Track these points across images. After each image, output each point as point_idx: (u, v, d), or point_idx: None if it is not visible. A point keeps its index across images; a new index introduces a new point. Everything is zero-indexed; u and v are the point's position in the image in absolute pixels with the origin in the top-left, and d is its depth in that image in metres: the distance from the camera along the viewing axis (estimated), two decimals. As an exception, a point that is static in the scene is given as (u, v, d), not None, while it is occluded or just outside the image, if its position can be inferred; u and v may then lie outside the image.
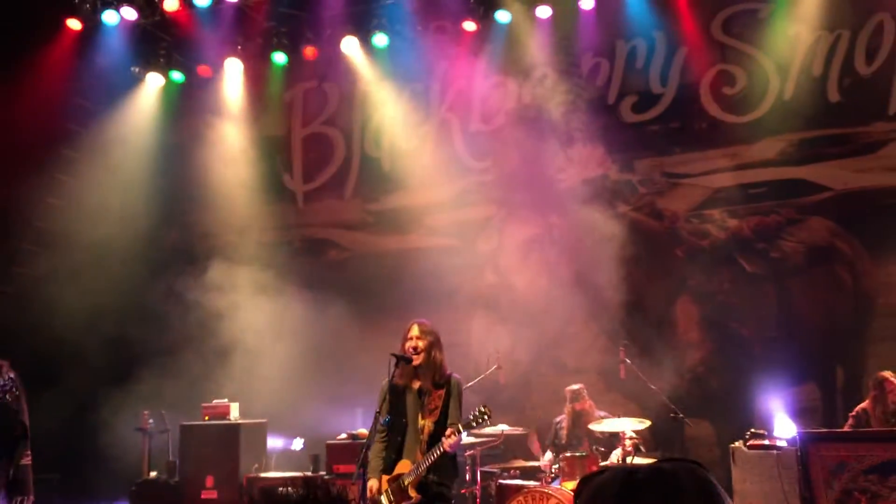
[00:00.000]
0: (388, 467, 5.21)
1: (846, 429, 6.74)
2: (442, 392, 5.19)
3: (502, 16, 9.30)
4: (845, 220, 8.52)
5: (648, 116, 9.31)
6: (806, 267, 8.64)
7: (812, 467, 6.05)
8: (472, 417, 5.03)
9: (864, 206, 8.45)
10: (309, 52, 9.99)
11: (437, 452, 4.99)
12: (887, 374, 6.80)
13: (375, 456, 5.24)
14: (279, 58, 10.13)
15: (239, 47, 10.16)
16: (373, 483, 5.18)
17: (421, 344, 5.20)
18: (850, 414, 6.91)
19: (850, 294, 8.51)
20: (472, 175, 9.91)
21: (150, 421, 8.93)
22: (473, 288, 9.56)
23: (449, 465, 5.22)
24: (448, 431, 5.02)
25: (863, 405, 6.84)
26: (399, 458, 5.21)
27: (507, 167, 9.67)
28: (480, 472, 7.18)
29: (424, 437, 5.12)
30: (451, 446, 4.97)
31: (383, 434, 5.28)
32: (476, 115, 9.98)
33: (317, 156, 10.70)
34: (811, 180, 8.67)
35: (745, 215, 8.91)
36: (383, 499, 5.14)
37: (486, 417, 5.00)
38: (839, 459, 5.97)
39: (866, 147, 8.51)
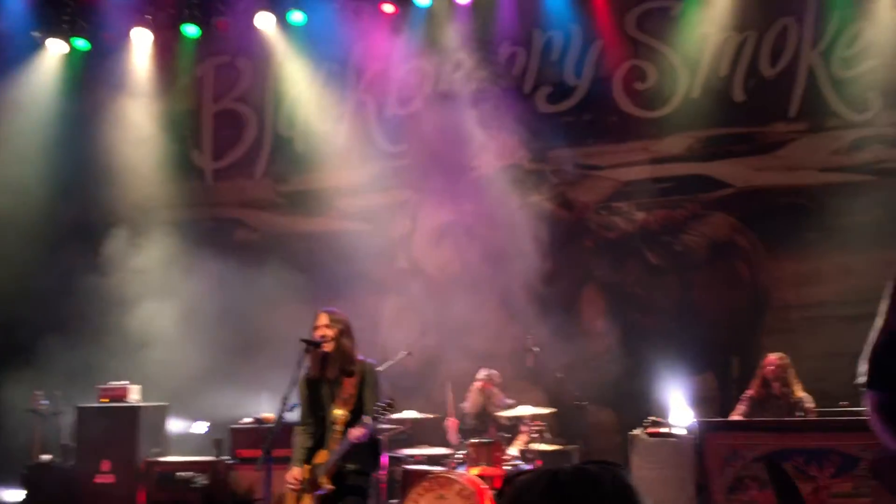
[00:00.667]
0: (310, 457, 5.19)
1: (735, 415, 7.01)
2: (354, 380, 5.16)
3: (422, -1, 9.28)
4: (745, 217, 8.83)
5: (563, 108, 9.43)
6: (707, 261, 8.93)
7: (707, 455, 6.27)
8: (376, 409, 5.03)
9: (762, 203, 8.78)
10: (221, 25, 9.72)
11: (345, 443, 4.97)
12: (770, 354, 7.11)
13: (299, 446, 5.22)
14: (190, 30, 9.83)
15: (148, 17, 9.81)
16: (295, 471, 5.15)
17: (330, 332, 5.16)
18: (742, 397, 7.18)
19: (747, 287, 8.85)
20: (387, 159, 9.85)
21: (44, 402, 8.59)
22: (385, 273, 9.52)
23: (368, 452, 5.21)
24: (363, 421, 5.01)
25: (749, 392, 7.13)
26: (319, 448, 5.19)
27: (422, 152, 9.64)
28: (387, 457, 7.17)
29: (339, 426, 5.09)
30: (356, 437, 4.96)
31: (306, 423, 5.23)
32: (393, 98, 9.92)
33: (227, 133, 10.44)
34: (715, 177, 8.96)
35: (652, 209, 9.14)
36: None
37: (389, 410, 5.02)
38: (733, 448, 6.22)
39: (767, 146, 8.83)
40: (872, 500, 5.55)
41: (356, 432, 4.95)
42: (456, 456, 7.13)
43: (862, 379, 4.24)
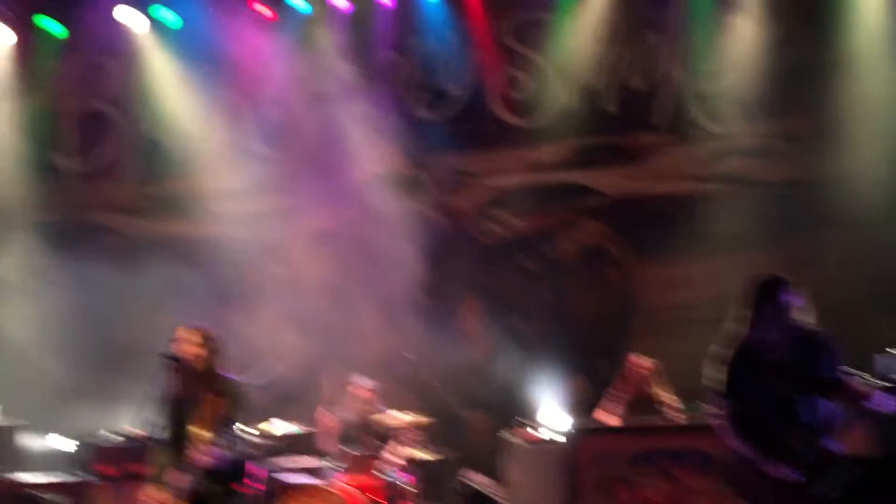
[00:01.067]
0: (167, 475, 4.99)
1: (607, 413, 7.20)
2: (218, 398, 5.01)
3: (300, 2, 9.12)
4: (616, 224, 9.12)
5: (441, 115, 9.48)
6: (580, 266, 9.17)
7: (577, 458, 6.41)
8: (235, 429, 4.93)
9: (633, 211, 9.09)
10: (87, 22, 9.28)
11: (203, 463, 4.83)
12: (634, 356, 7.35)
13: (158, 464, 5.06)
14: (53, 27, 9.34)
15: (9, 13, 9.28)
16: (152, 491, 4.98)
17: (193, 349, 4.99)
18: (614, 396, 7.39)
19: (617, 292, 9.13)
20: (263, 163, 9.62)
21: None
22: (260, 281, 9.29)
23: (230, 470, 5.06)
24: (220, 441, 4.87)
25: (621, 392, 7.35)
26: (178, 466, 5.01)
27: (299, 157, 9.49)
28: (263, 470, 6.99)
29: (200, 445, 4.92)
30: (204, 461, 4.84)
31: (166, 441, 5.05)
32: (269, 101, 9.69)
33: (92, 134, 9.97)
34: (588, 185, 9.21)
35: (528, 216, 9.31)
36: None
37: (249, 431, 4.93)
38: (602, 450, 6.38)
39: (636, 156, 9.14)
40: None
41: (204, 456, 4.83)
42: (332, 466, 7.02)
43: (708, 382, 4.45)
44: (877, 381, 3.98)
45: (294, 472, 7.13)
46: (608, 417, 7.12)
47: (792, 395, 3.99)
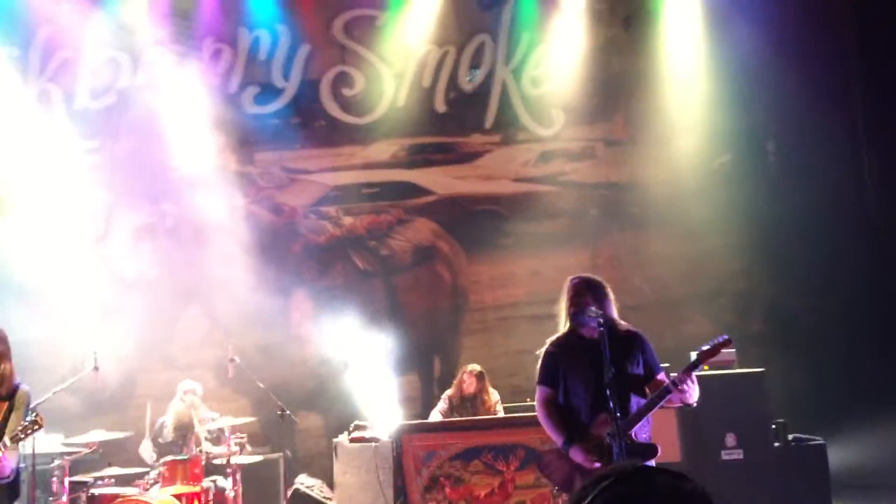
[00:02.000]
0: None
1: (436, 412, 7.29)
2: (4, 405, 4.65)
3: (116, -14, 8.60)
4: (446, 223, 9.24)
5: (270, 109, 9.23)
6: (411, 264, 9.21)
7: (405, 457, 6.44)
8: (20, 429, 4.59)
9: (462, 210, 9.24)
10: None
11: None
12: (468, 367, 7.48)
13: None
14: None
15: None
16: None
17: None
18: (443, 396, 7.49)
19: (448, 290, 9.25)
20: (77, 155, 9.02)
21: None
22: (72, 277, 8.71)
23: (5, 487, 4.70)
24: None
25: (449, 391, 7.46)
26: None
27: (117, 150, 8.98)
28: (69, 482, 6.56)
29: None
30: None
31: None
32: (84, 90, 9.10)
33: None
34: (419, 184, 9.27)
35: (359, 214, 9.25)
36: None
37: (36, 427, 4.60)
38: (429, 448, 6.43)
39: (466, 156, 9.31)
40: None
41: None
42: (150, 476, 6.69)
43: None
44: (685, 376, 4.17)
45: (108, 482, 6.72)
46: (440, 418, 7.21)
47: (604, 388, 4.14)
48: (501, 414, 7.11)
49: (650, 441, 4.31)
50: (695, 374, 4.22)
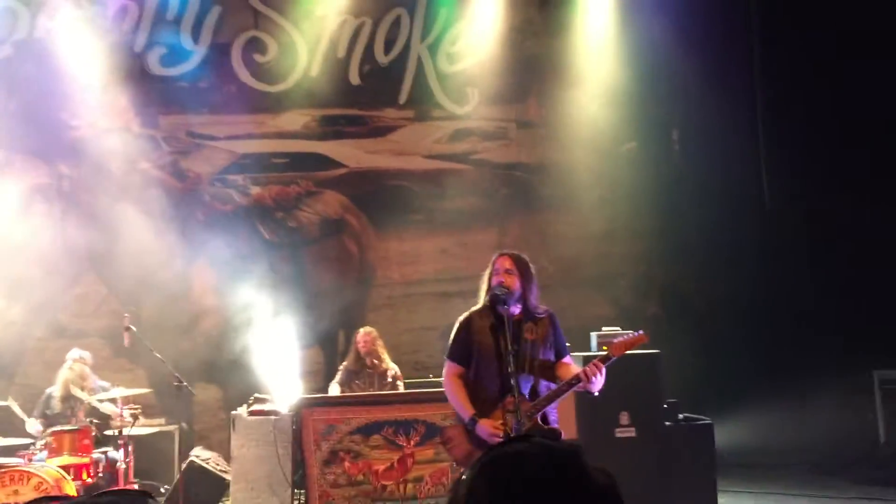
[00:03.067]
0: None
1: (333, 384, 7.26)
2: None
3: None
4: (356, 196, 9.15)
5: (177, 71, 8.91)
6: (319, 237, 9.10)
7: (304, 430, 6.38)
8: None
9: (372, 184, 9.16)
10: None
11: None
12: (360, 329, 7.48)
13: None
14: None
15: None
16: None
17: None
18: (340, 368, 7.46)
19: (356, 264, 9.18)
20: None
21: None
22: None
23: None
24: None
25: (345, 363, 7.45)
26: None
27: (11, 105, 8.53)
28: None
29: None
30: None
31: None
32: (-24, 43, 8.60)
33: None
34: (329, 156, 9.14)
35: (267, 183, 9.07)
36: None
37: None
38: (329, 422, 6.39)
39: (378, 130, 9.23)
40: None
41: None
42: (36, 446, 6.44)
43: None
44: (597, 368, 4.21)
45: (-9, 453, 6.45)
46: (338, 389, 7.18)
47: (511, 367, 4.15)
48: (401, 388, 7.13)
49: (556, 425, 4.33)
50: (605, 364, 4.27)
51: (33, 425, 6.77)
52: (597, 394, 4.27)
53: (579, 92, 9.45)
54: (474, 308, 4.50)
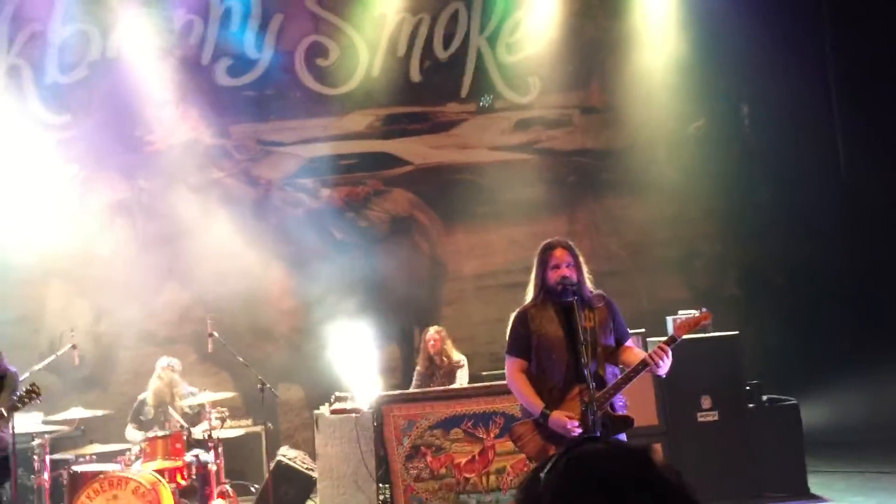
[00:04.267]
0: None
1: (412, 389, 7.36)
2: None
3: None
4: (423, 193, 9.23)
5: (243, 81, 9.13)
6: (389, 235, 9.21)
7: (386, 427, 6.48)
8: (16, 399, 4.60)
9: (438, 179, 9.23)
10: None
11: None
12: (427, 330, 7.56)
13: None
14: None
15: None
16: None
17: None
18: (415, 373, 7.56)
19: (426, 261, 9.27)
20: (49, 131, 8.92)
21: None
22: (48, 256, 8.66)
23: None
24: None
25: (417, 367, 7.54)
26: None
27: (89, 125, 8.88)
28: (50, 460, 6.58)
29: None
30: None
31: None
32: (53, 64, 8.96)
33: None
34: (395, 154, 9.24)
35: (335, 185, 9.22)
36: None
37: (34, 397, 4.61)
38: (409, 418, 6.48)
39: (441, 125, 9.28)
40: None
41: None
42: (131, 452, 6.71)
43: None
44: (662, 353, 4.18)
45: (90, 459, 6.75)
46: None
47: (579, 358, 4.14)
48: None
49: (623, 411, 4.31)
50: (671, 346, 4.23)
51: (131, 431, 7.05)
52: (664, 375, 4.24)
53: (642, 72, 9.32)
54: (527, 301, 4.48)
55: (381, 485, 6.58)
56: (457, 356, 7.45)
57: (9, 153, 8.72)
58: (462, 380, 7.37)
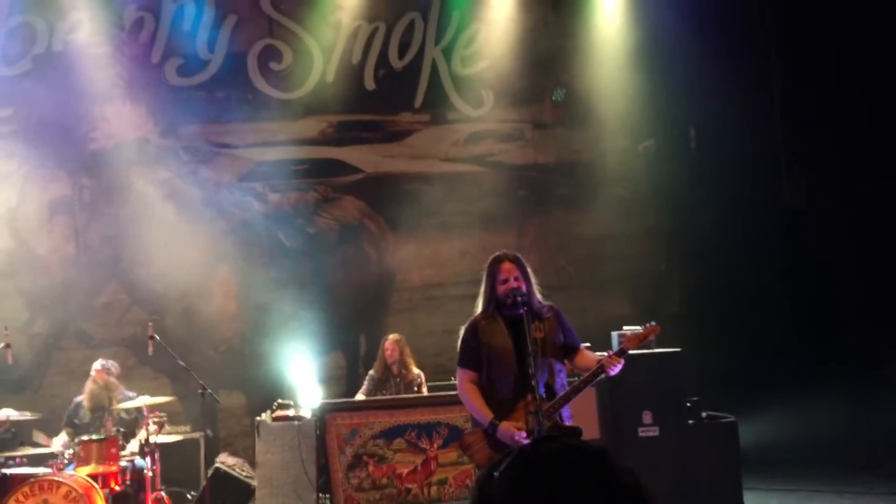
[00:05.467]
0: None
1: (360, 394, 7.28)
2: None
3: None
4: (374, 201, 9.18)
5: (195, 81, 8.96)
6: (338, 243, 9.14)
7: (328, 435, 6.42)
8: None
9: (390, 188, 9.20)
10: None
11: None
12: (387, 336, 7.49)
13: None
14: None
15: None
16: None
17: None
18: (367, 377, 7.47)
19: (375, 269, 9.21)
20: (-10, 125, 8.65)
21: None
22: (-17, 253, 8.41)
23: None
24: None
25: (371, 372, 7.44)
26: None
27: (32, 119, 8.64)
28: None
29: None
30: None
31: None
32: (-1, 57, 8.71)
33: None
34: (346, 161, 9.19)
35: (285, 190, 9.12)
36: None
37: None
38: (352, 427, 6.43)
39: (394, 135, 9.26)
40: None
41: None
42: (64, 455, 6.52)
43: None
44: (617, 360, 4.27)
45: (20, 462, 6.54)
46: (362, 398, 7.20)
47: (528, 369, 4.17)
48: (425, 392, 7.15)
49: (570, 422, 4.38)
50: (623, 355, 4.33)
51: (59, 441, 6.83)
52: (614, 375, 4.33)
53: (594, 92, 9.44)
54: (477, 314, 4.52)
55: (321, 494, 6.50)
56: (415, 371, 7.35)
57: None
58: None
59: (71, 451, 6.50)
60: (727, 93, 8.93)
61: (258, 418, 7.02)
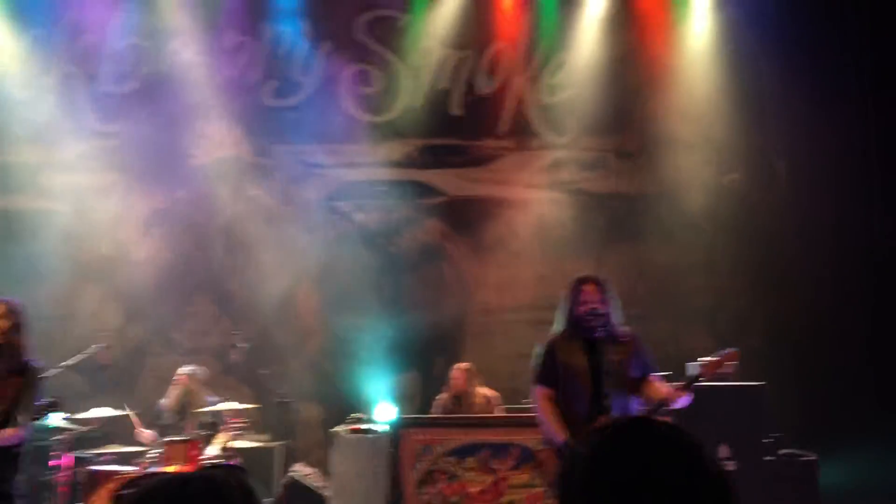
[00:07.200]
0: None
1: (434, 409, 7.36)
2: (19, 380, 4.77)
3: (143, -27, 8.75)
4: (455, 224, 9.33)
5: (288, 103, 9.35)
6: (418, 263, 9.31)
7: (402, 449, 6.52)
8: (35, 410, 4.71)
9: (471, 212, 9.33)
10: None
11: None
12: (456, 365, 7.56)
13: None
14: None
15: None
16: None
17: (3, 324, 4.73)
18: (435, 402, 7.56)
19: (453, 292, 9.33)
20: (96, 138, 9.17)
21: None
22: (86, 258, 8.87)
23: (9, 459, 4.81)
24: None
25: (439, 396, 7.53)
26: None
27: (136, 135, 9.12)
28: (68, 458, 6.67)
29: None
30: (4, 440, 4.63)
31: None
32: (107, 74, 9.25)
33: None
34: (430, 184, 9.37)
35: (370, 210, 9.36)
36: None
37: (53, 409, 4.73)
38: (425, 442, 6.51)
39: (478, 160, 9.41)
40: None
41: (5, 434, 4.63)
42: (149, 455, 6.80)
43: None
44: (681, 394, 4.27)
45: (107, 460, 6.84)
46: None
47: (603, 390, 4.20)
48: (498, 411, 7.19)
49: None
50: (693, 385, 4.30)
51: (150, 434, 7.13)
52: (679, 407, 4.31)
53: (680, 122, 9.40)
54: (554, 333, 4.56)
55: (392, 507, 6.59)
56: (488, 392, 7.38)
57: (55, 157, 8.98)
58: None
59: (156, 451, 6.76)
60: (819, 125, 8.77)
61: (334, 430, 7.17)
